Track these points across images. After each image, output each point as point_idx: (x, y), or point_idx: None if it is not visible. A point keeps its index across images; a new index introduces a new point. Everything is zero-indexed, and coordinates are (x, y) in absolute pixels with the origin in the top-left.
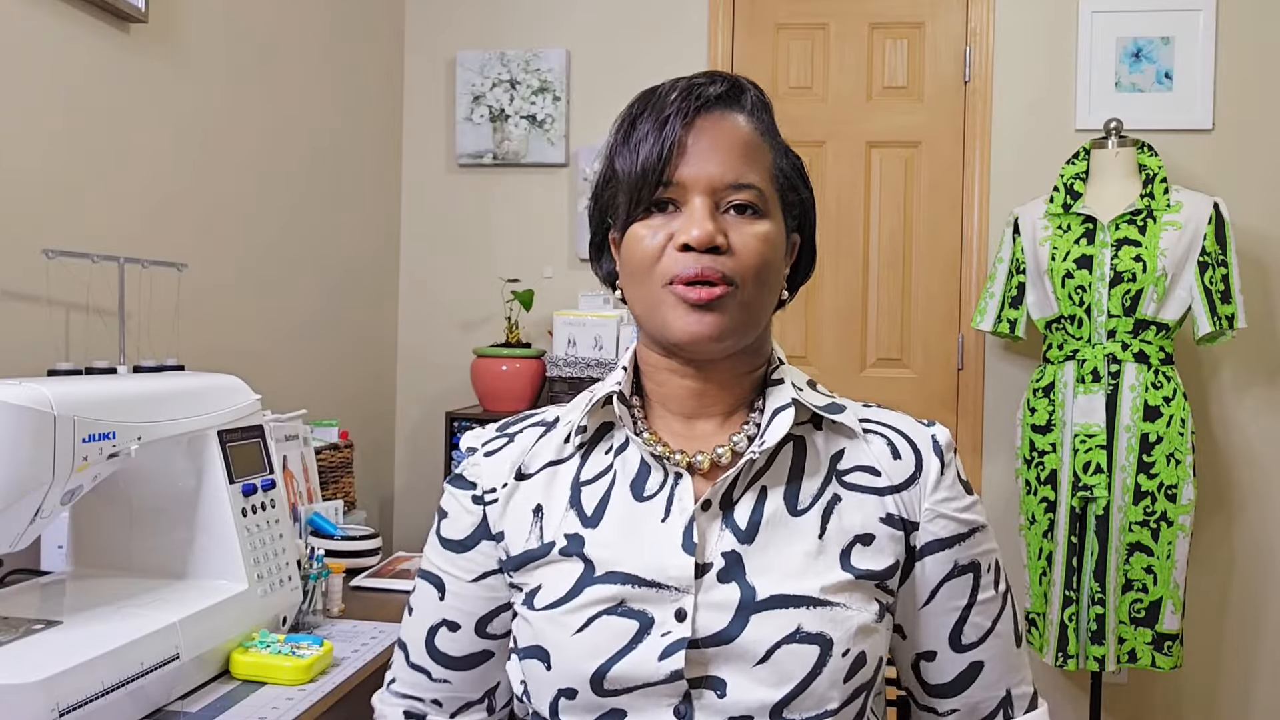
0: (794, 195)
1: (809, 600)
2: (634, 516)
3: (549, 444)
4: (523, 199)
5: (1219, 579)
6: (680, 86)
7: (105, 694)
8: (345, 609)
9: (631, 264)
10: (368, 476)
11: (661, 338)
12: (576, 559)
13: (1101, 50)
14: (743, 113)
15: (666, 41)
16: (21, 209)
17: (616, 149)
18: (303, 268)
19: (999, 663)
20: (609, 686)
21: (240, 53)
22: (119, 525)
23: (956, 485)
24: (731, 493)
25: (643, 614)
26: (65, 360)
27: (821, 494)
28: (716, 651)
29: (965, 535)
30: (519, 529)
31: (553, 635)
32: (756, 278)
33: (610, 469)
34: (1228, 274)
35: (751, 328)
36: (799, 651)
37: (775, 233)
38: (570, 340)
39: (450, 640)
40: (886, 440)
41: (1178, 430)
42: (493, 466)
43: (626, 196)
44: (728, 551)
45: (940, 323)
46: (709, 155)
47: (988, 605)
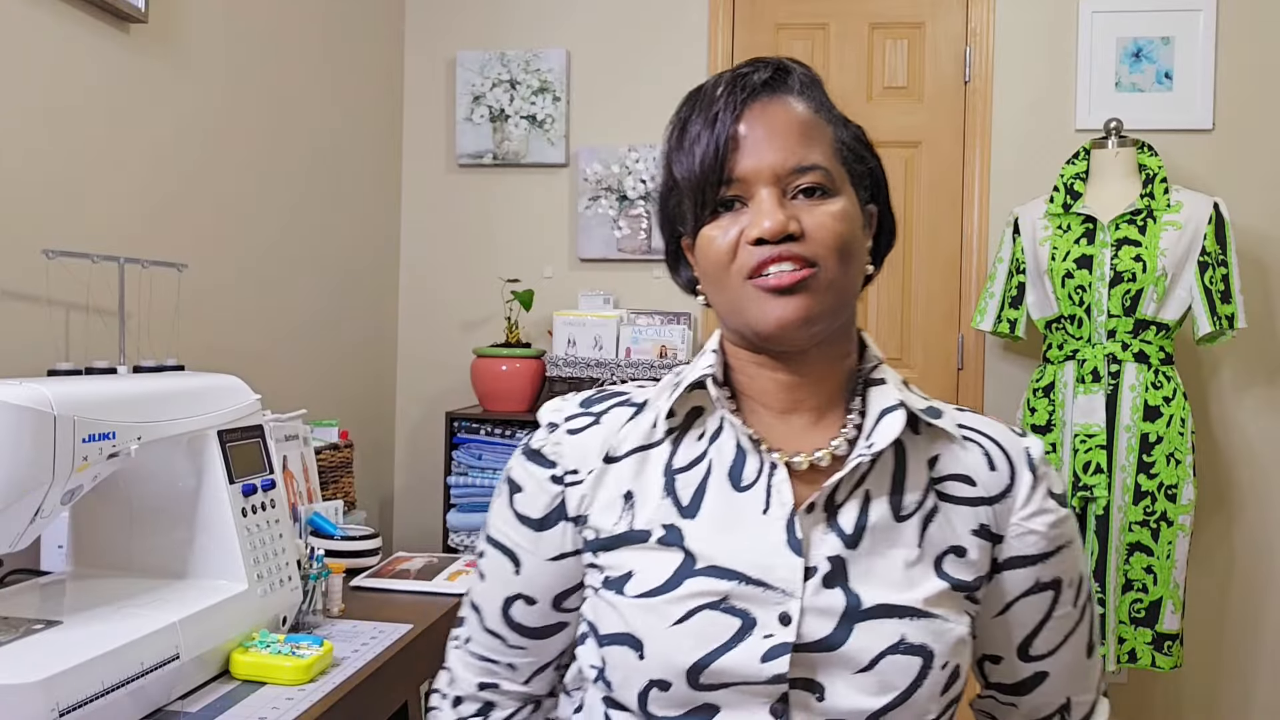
0: (861, 166)
1: (912, 611)
2: (733, 507)
3: (638, 427)
4: (523, 199)
5: (1219, 579)
6: (725, 80)
7: (105, 694)
8: (345, 609)
9: (708, 267)
10: (368, 476)
11: (750, 333)
12: (676, 549)
13: (1101, 50)
14: (792, 94)
15: (666, 41)
16: (21, 209)
17: (672, 155)
18: (303, 268)
19: (1065, 673)
20: (705, 681)
21: (240, 53)
22: (119, 525)
23: (1048, 500)
24: (835, 495)
25: (745, 613)
26: (65, 360)
27: (923, 502)
28: (820, 657)
29: (1050, 553)
30: (608, 513)
31: (648, 624)
32: (838, 257)
33: (705, 456)
34: (1228, 274)
35: (840, 309)
36: (902, 662)
37: (849, 208)
38: (570, 340)
39: (527, 613)
40: (982, 449)
41: (1178, 430)
42: (576, 447)
43: (691, 201)
44: (833, 556)
45: (940, 323)
46: (766, 144)
47: (1062, 621)
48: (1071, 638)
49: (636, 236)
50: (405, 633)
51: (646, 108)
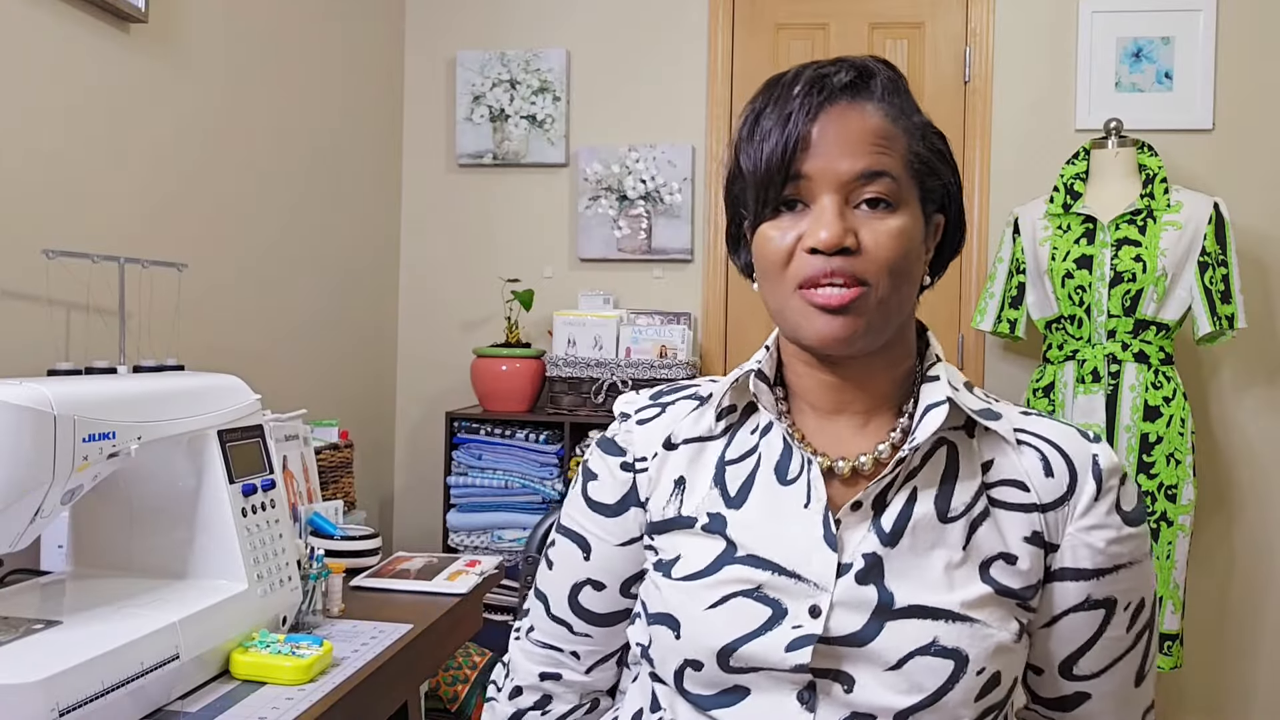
0: (934, 180)
1: (948, 614)
2: (777, 500)
3: (699, 419)
4: (523, 199)
5: (1219, 579)
6: (805, 77)
7: (105, 694)
8: (345, 609)
9: (763, 264)
10: (368, 476)
11: (794, 339)
12: (718, 537)
13: (1101, 50)
14: (872, 100)
15: (666, 41)
16: (21, 209)
17: (742, 144)
18: (303, 268)
19: (1108, 698)
20: (734, 664)
21: (240, 53)
22: (119, 525)
23: (1113, 514)
24: (884, 495)
25: (777, 603)
26: (65, 360)
27: (973, 505)
28: (848, 651)
29: (1107, 570)
30: (661, 497)
31: (685, 606)
32: (891, 276)
33: (755, 450)
34: (1228, 274)
35: (887, 326)
36: (933, 664)
37: (911, 225)
38: (570, 340)
39: (595, 598)
40: (1040, 454)
41: (1178, 430)
42: (644, 435)
43: (754, 195)
44: (869, 553)
45: (940, 323)
46: (836, 149)
47: (1112, 644)
48: (1120, 663)
49: (636, 236)
50: (405, 633)
51: (646, 108)
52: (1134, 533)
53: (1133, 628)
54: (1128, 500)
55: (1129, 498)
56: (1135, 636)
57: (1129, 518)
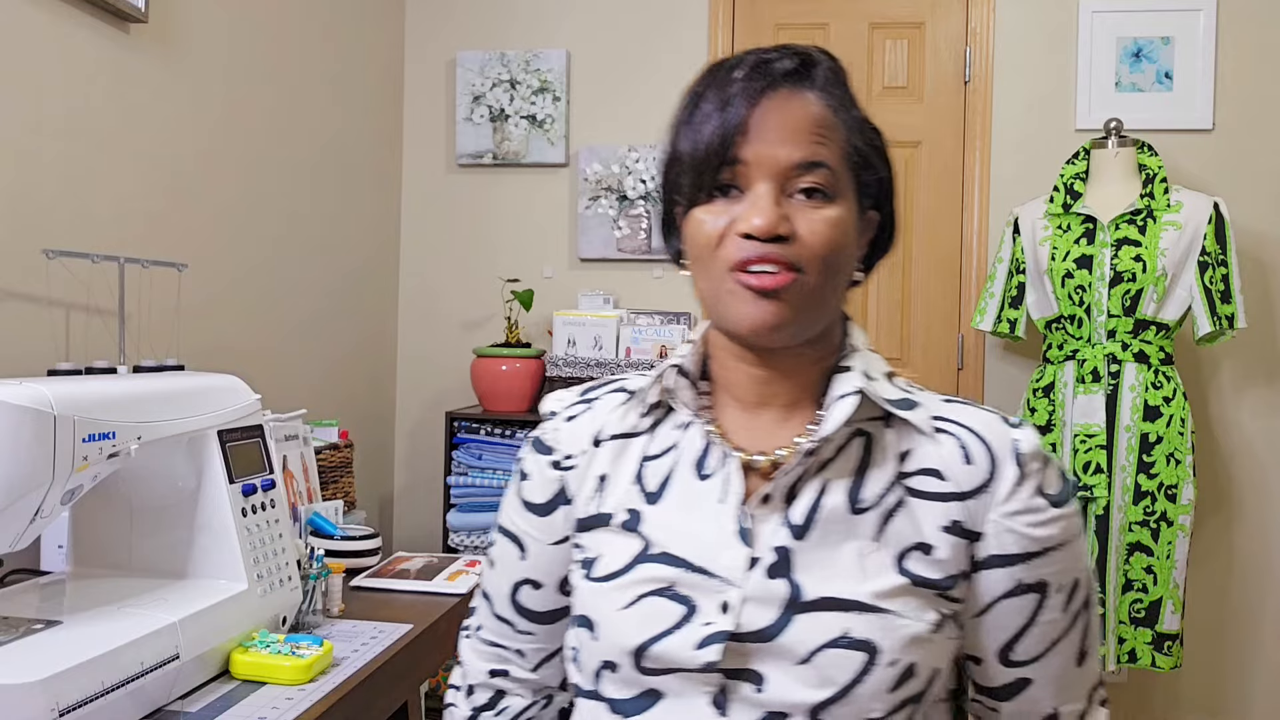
0: (869, 174)
1: (859, 605)
2: (694, 495)
3: (626, 414)
4: (523, 199)
5: (1219, 579)
6: (748, 62)
7: (105, 694)
8: (345, 609)
9: (695, 249)
10: (368, 476)
11: (723, 326)
12: (634, 535)
13: (1101, 50)
14: (814, 89)
15: (666, 42)
16: (21, 209)
17: (680, 127)
18: (303, 268)
19: (1051, 682)
20: (647, 665)
21: (240, 53)
22: (119, 525)
23: (1036, 498)
24: (795, 488)
25: (688, 600)
26: (65, 360)
27: (886, 495)
28: (758, 647)
29: (1035, 554)
30: (585, 494)
31: (600, 607)
32: (824, 266)
33: (676, 445)
34: (1228, 274)
35: (817, 317)
36: (843, 657)
37: (845, 216)
38: (570, 340)
39: (534, 597)
40: (959, 441)
41: (1178, 430)
42: (571, 432)
43: (690, 179)
44: (779, 547)
45: (940, 323)
46: (775, 136)
47: (1048, 627)
48: (1060, 645)
49: (636, 236)
50: (405, 633)
51: (646, 108)
52: (1060, 514)
53: (1069, 608)
54: (1051, 483)
55: (1052, 480)
56: (1072, 617)
57: (1054, 500)
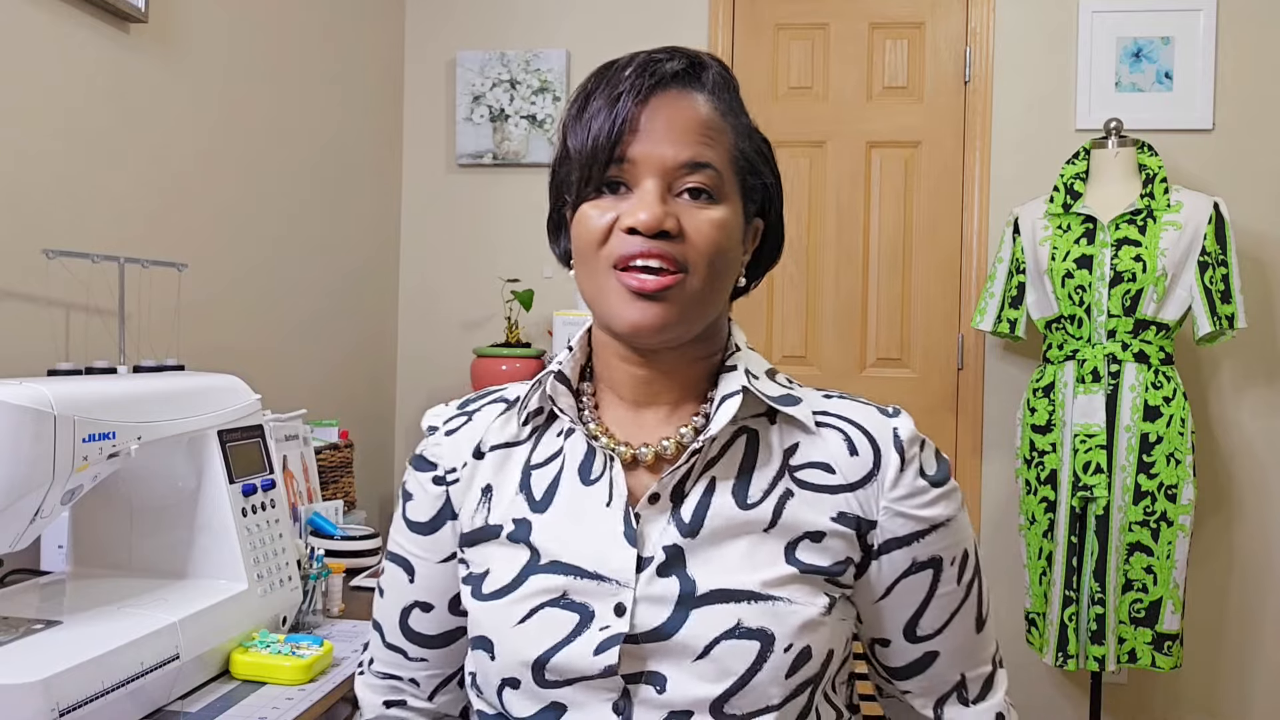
0: (755, 179)
1: (749, 595)
2: (580, 502)
3: (505, 425)
4: (523, 199)
5: (1219, 579)
6: (637, 61)
7: (105, 694)
8: (345, 609)
9: (579, 244)
10: (368, 476)
11: (605, 325)
12: (522, 545)
13: (1101, 50)
14: (702, 91)
15: (666, 41)
16: (21, 209)
17: (570, 124)
18: (303, 268)
19: (956, 652)
20: (549, 677)
21: (240, 53)
22: (119, 525)
23: (918, 480)
24: (683, 486)
25: (584, 607)
26: (65, 360)
27: (773, 488)
28: (655, 647)
29: (925, 532)
30: (469, 507)
31: (496, 626)
32: (709, 265)
33: (560, 453)
34: (1228, 274)
35: (700, 318)
36: (738, 647)
37: (731, 218)
38: (570, 340)
39: (424, 620)
40: (843, 435)
41: (1178, 430)
42: (453, 446)
43: (577, 174)
44: (669, 545)
45: (940, 323)
46: (663, 135)
47: (946, 599)
48: (958, 615)
49: None
50: None
51: None
52: (941, 493)
53: (962, 579)
54: (930, 465)
55: (930, 462)
56: (966, 587)
57: (934, 480)
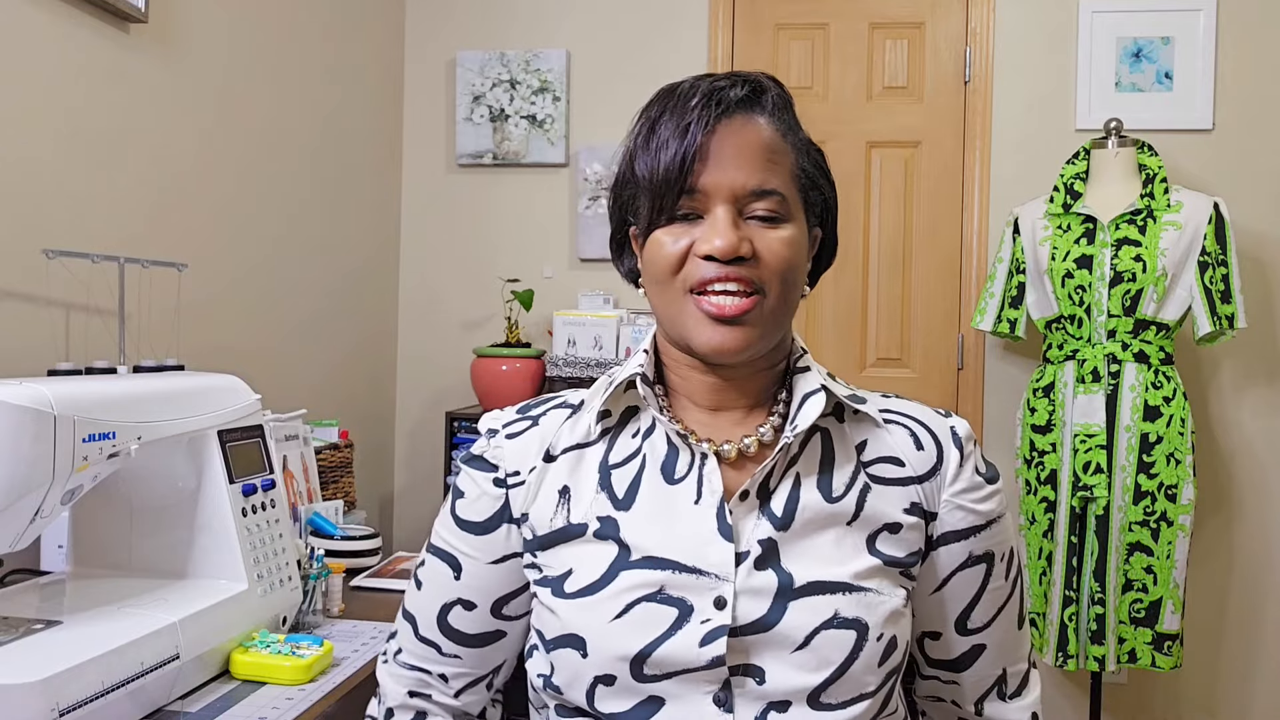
0: (816, 194)
1: (844, 586)
2: (666, 499)
3: (574, 427)
4: (523, 199)
5: (1219, 579)
6: (702, 90)
7: (105, 694)
8: (345, 609)
9: (654, 270)
10: (368, 476)
11: (684, 345)
12: (610, 542)
13: (1101, 50)
14: (764, 114)
15: (666, 42)
16: (21, 209)
17: (637, 152)
18: (303, 268)
19: (1000, 646)
20: (649, 672)
21: (240, 53)
22: (119, 525)
23: (975, 477)
24: (769, 482)
25: (682, 601)
26: (65, 360)
27: (854, 482)
28: (756, 639)
29: (981, 527)
30: (545, 510)
31: (588, 622)
32: (782, 284)
33: (639, 452)
34: (1228, 274)
35: (776, 333)
36: (837, 637)
37: (798, 235)
38: (570, 340)
39: (465, 618)
40: (909, 430)
41: (1178, 430)
42: (516, 449)
43: (648, 203)
44: (764, 539)
45: (940, 323)
46: (731, 162)
47: (996, 593)
48: (1005, 609)
49: None
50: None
51: None
52: (994, 489)
53: (1009, 575)
54: (983, 463)
55: (983, 461)
56: (1012, 583)
57: (988, 478)
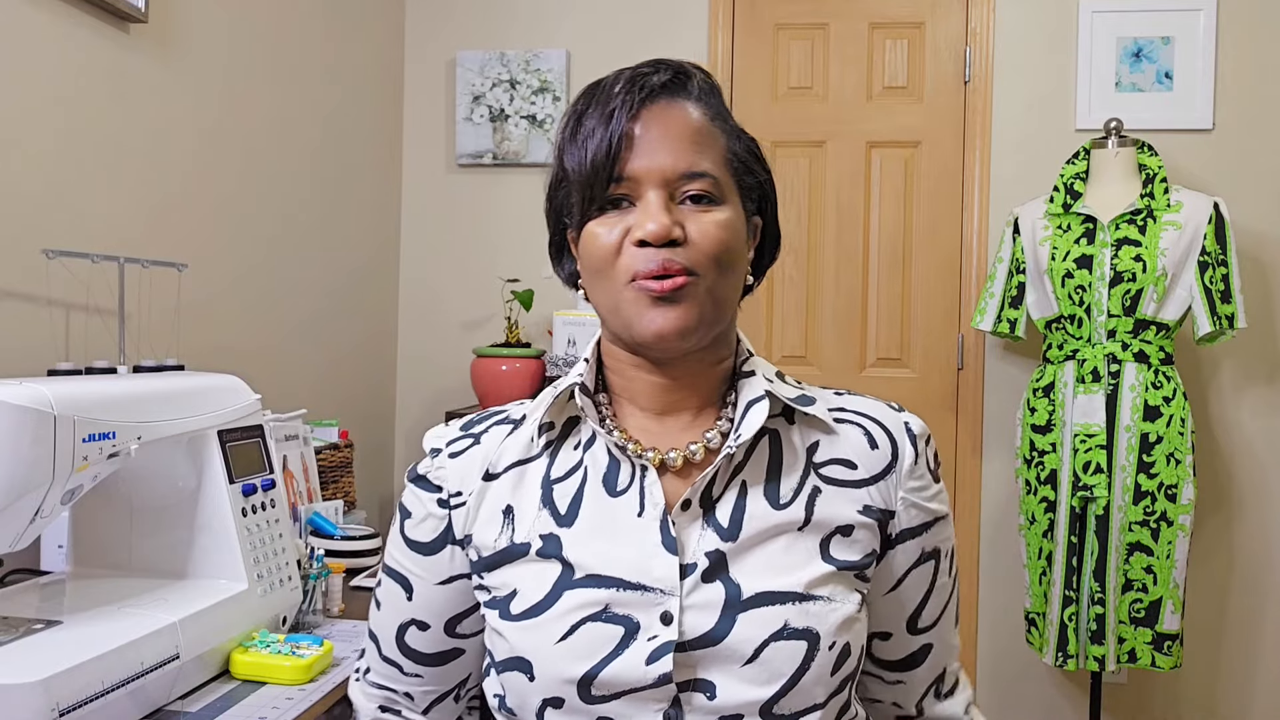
0: (751, 178)
1: (794, 596)
2: (609, 513)
3: (516, 442)
4: (523, 199)
5: (1219, 579)
6: (625, 78)
7: (105, 694)
8: (345, 609)
9: (591, 263)
10: (368, 476)
11: (627, 336)
12: (554, 561)
13: (1101, 50)
14: (690, 99)
15: (666, 42)
16: (21, 209)
17: (565, 146)
18: (303, 268)
19: (942, 644)
20: (596, 693)
21: (240, 53)
22: (119, 525)
23: (927, 475)
24: (712, 490)
25: (628, 619)
26: (65, 360)
27: (802, 487)
28: (704, 653)
29: (930, 524)
30: (489, 530)
31: (534, 645)
32: (718, 265)
33: (580, 465)
34: (1228, 274)
35: (719, 318)
36: (787, 648)
37: (734, 218)
38: (570, 340)
39: (420, 638)
40: (862, 429)
41: (1178, 430)
42: (459, 468)
43: (579, 195)
44: (711, 551)
45: (940, 323)
46: (659, 146)
47: (941, 590)
48: (948, 608)
49: None
50: None
51: None
52: (941, 487)
53: (950, 572)
54: (934, 460)
55: (934, 457)
56: (953, 581)
57: (936, 475)
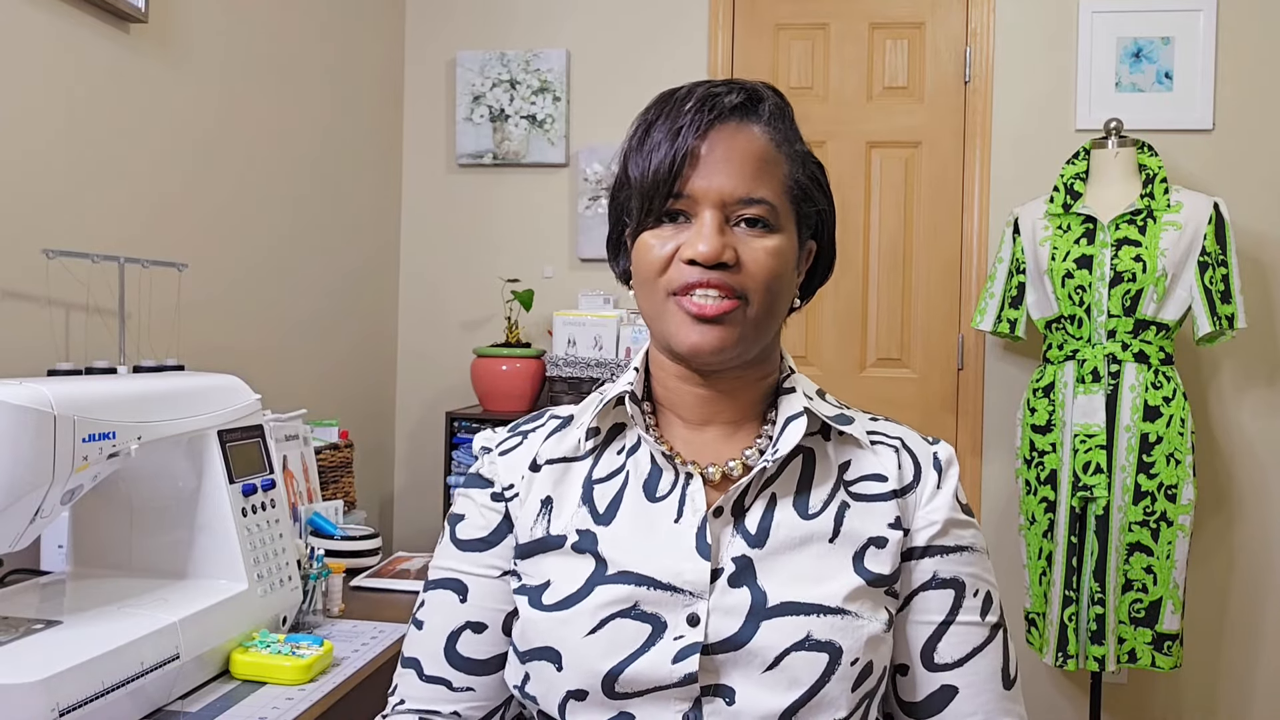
0: (809, 206)
1: (820, 608)
2: (647, 517)
3: (562, 441)
4: (523, 199)
5: (1219, 579)
6: (697, 94)
7: (105, 694)
8: (345, 609)
9: (640, 271)
10: (368, 476)
11: (665, 346)
12: (588, 555)
13: (1101, 50)
14: (759, 123)
15: (666, 42)
16: (21, 209)
17: (631, 153)
18: (303, 268)
19: (977, 697)
20: (620, 689)
21: (240, 53)
22: (119, 525)
23: (952, 500)
24: (743, 500)
25: (655, 617)
26: (65, 360)
27: (831, 500)
28: (727, 657)
29: (950, 549)
30: (528, 518)
31: (563, 636)
32: (765, 292)
33: (623, 469)
34: (1228, 274)
35: (757, 342)
36: (808, 658)
37: (786, 246)
38: (570, 340)
39: (475, 643)
40: (894, 450)
41: (1177, 430)
42: (508, 464)
43: (638, 203)
44: (739, 556)
45: (940, 323)
46: (721, 168)
47: (969, 630)
48: (981, 655)
49: None
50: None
51: None
52: (970, 521)
53: (986, 616)
54: (962, 493)
55: (962, 492)
56: (990, 629)
57: (965, 509)
